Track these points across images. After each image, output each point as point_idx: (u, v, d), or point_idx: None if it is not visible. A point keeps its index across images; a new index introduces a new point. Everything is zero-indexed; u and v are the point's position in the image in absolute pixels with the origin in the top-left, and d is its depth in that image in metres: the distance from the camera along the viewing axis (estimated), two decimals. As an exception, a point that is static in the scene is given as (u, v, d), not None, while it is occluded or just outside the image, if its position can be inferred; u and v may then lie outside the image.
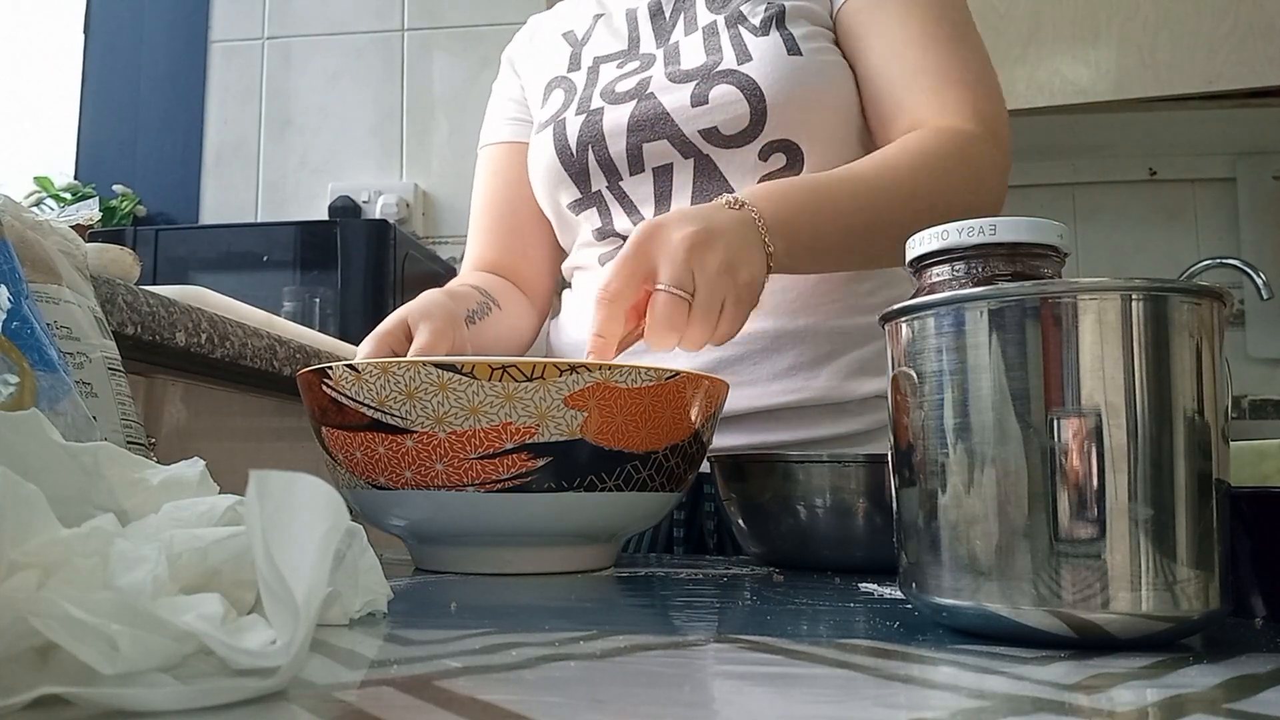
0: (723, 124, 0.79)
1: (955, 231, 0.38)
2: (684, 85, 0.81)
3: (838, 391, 0.80)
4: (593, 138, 0.83)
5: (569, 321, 0.92)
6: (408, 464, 0.52)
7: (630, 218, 0.84)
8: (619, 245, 0.83)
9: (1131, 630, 0.32)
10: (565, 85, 0.90)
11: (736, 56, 0.80)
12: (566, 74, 0.91)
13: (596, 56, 0.90)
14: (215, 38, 2.62)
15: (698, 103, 0.79)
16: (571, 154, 0.84)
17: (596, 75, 0.88)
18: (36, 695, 0.22)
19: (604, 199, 0.85)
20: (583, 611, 0.41)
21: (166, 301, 0.96)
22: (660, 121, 0.80)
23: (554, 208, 0.89)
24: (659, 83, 0.82)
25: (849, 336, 0.81)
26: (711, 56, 0.81)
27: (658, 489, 0.56)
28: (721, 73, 0.79)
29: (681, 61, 0.83)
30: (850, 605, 0.43)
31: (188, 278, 2.04)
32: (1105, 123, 2.23)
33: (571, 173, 0.85)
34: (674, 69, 0.83)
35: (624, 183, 0.83)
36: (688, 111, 0.80)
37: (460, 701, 0.24)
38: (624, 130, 0.82)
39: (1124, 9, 2.07)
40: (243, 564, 0.30)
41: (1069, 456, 0.32)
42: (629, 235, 0.78)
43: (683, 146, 0.80)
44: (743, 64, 0.79)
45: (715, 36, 0.82)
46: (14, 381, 0.42)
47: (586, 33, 0.93)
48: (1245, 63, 2.01)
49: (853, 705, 0.25)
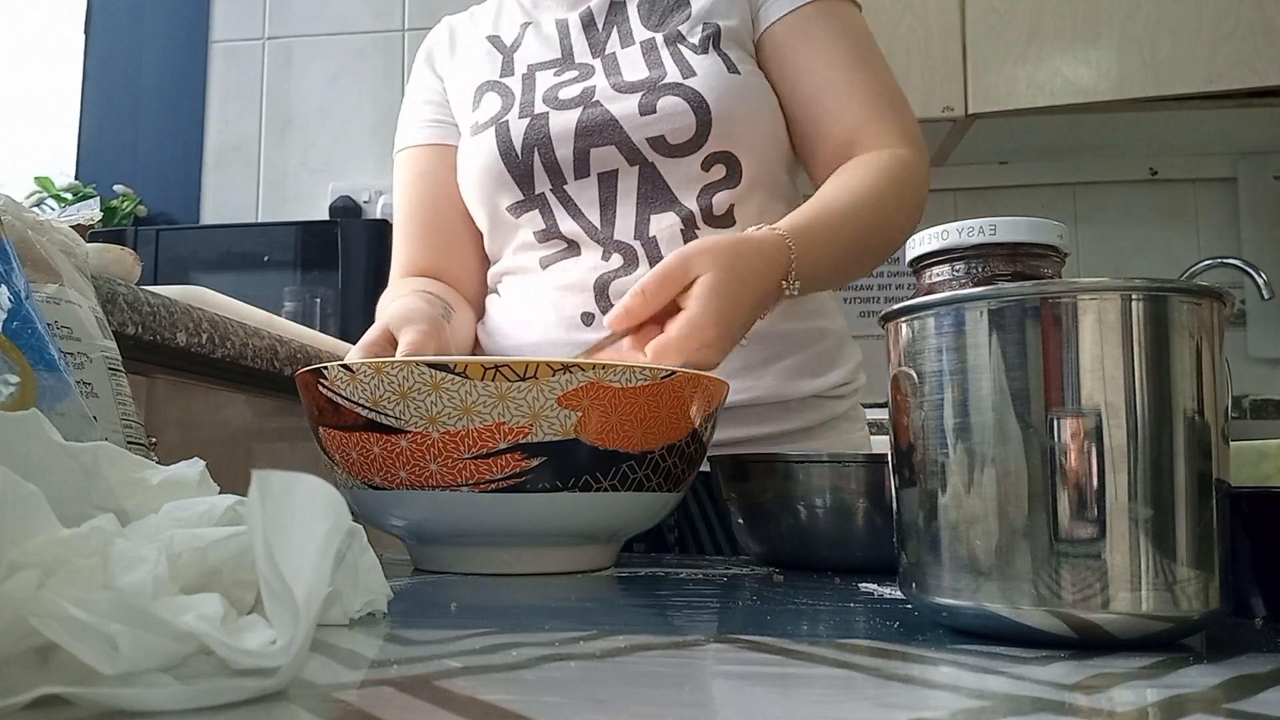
0: (670, 133, 0.83)
1: (955, 231, 0.38)
2: (630, 95, 0.84)
3: (783, 390, 0.86)
4: (539, 140, 0.85)
5: (504, 326, 0.90)
6: (402, 464, 0.52)
7: (575, 220, 0.85)
8: (564, 248, 0.85)
9: (1131, 630, 0.32)
10: (500, 90, 0.90)
11: (680, 71, 0.84)
12: (499, 79, 0.91)
13: (530, 64, 0.91)
14: (216, 38, 2.62)
15: (646, 112, 0.83)
16: (516, 156, 0.85)
17: (533, 81, 0.89)
18: (36, 695, 0.22)
19: (547, 201, 0.86)
20: (583, 611, 0.41)
21: (167, 301, 0.96)
22: (608, 128, 0.83)
23: (490, 210, 0.89)
24: (604, 92, 0.85)
25: (790, 340, 0.87)
26: (654, 71, 0.85)
27: (655, 489, 0.56)
28: (668, 85, 0.83)
29: (624, 73, 0.86)
30: (850, 605, 0.43)
31: (188, 278, 2.04)
32: (1105, 123, 2.23)
33: (515, 174, 0.86)
34: (617, 80, 0.86)
35: (569, 186, 0.85)
36: (636, 119, 0.83)
37: (460, 701, 0.24)
38: (571, 135, 0.84)
39: (1124, 9, 2.07)
40: (243, 564, 0.30)
41: (1069, 456, 0.32)
42: (576, 239, 0.84)
43: (629, 153, 0.83)
44: (687, 78, 0.83)
45: (655, 52, 0.86)
46: (14, 381, 0.42)
47: (516, 40, 0.94)
48: (1245, 63, 2.01)
49: (853, 705, 0.25)
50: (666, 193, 0.84)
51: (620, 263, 0.83)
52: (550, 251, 0.86)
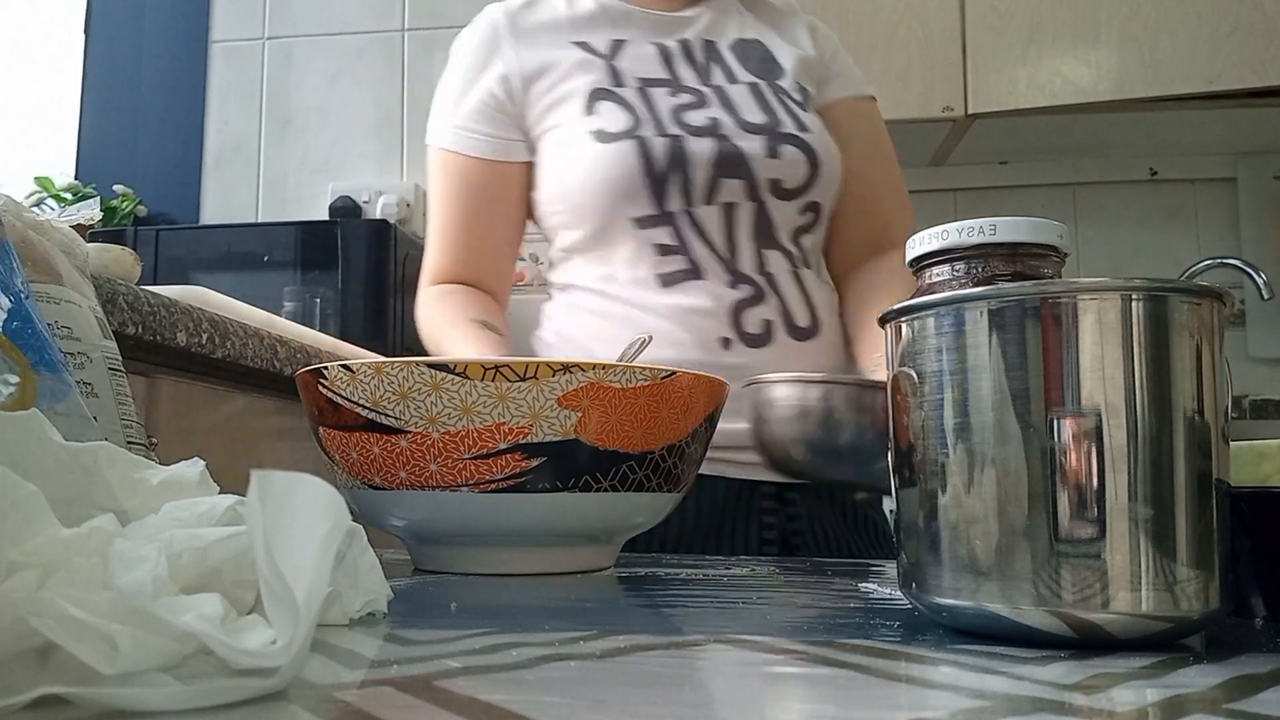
0: (787, 178, 0.92)
1: (955, 231, 0.38)
2: (755, 136, 0.92)
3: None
4: (680, 162, 0.89)
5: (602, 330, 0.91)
6: (402, 464, 0.52)
7: (702, 243, 0.91)
8: (688, 268, 0.90)
9: (1131, 630, 0.32)
10: (618, 100, 0.92)
11: (795, 124, 0.94)
12: (613, 89, 0.93)
13: (640, 78, 0.94)
14: (215, 38, 2.62)
15: (770, 155, 0.91)
16: (655, 172, 0.89)
17: (649, 97, 0.93)
18: (36, 695, 0.22)
19: (676, 220, 0.90)
20: (583, 611, 0.41)
21: (167, 301, 0.96)
22: (740, 164, 0.90)
23: (608, 217, 0.91)
24: (731, 128, 0.92)
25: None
26: (769, 116, 0.94)
27: (655, 489, 0.56)
28: (786, 135, 0.93)
29: (741, 112, 0.93)
30: (850, 605, 0.43)
31: (188, 278, 2.04)
32: (1105, 123, 2.23)
33: (652, 189, 0.89)
34: (738, 118, 0.93)
35: (695, 210, 0.90)
36: (762, 160, 0.91)
37: (460, 701, 0.24)
38: (709, 163, 0.90)
39: (1124, 9, 2.07)
40: (243, 564, 0.30)
41: (1069, 456, 0.32)
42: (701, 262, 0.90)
43: (750, 190, 0.91)
44: (802, 133, 0.93)
45: (764, 98, 0.95)
46: (14, 381, 0.42)
47: (611, 51, 0.96)
48: (1245, 63, 2.00)
49: (853, 705, 0.25)
50: (772, 231, 0.92)
51: (750, 293, 0.90)
52: (672, 270, 0.90)
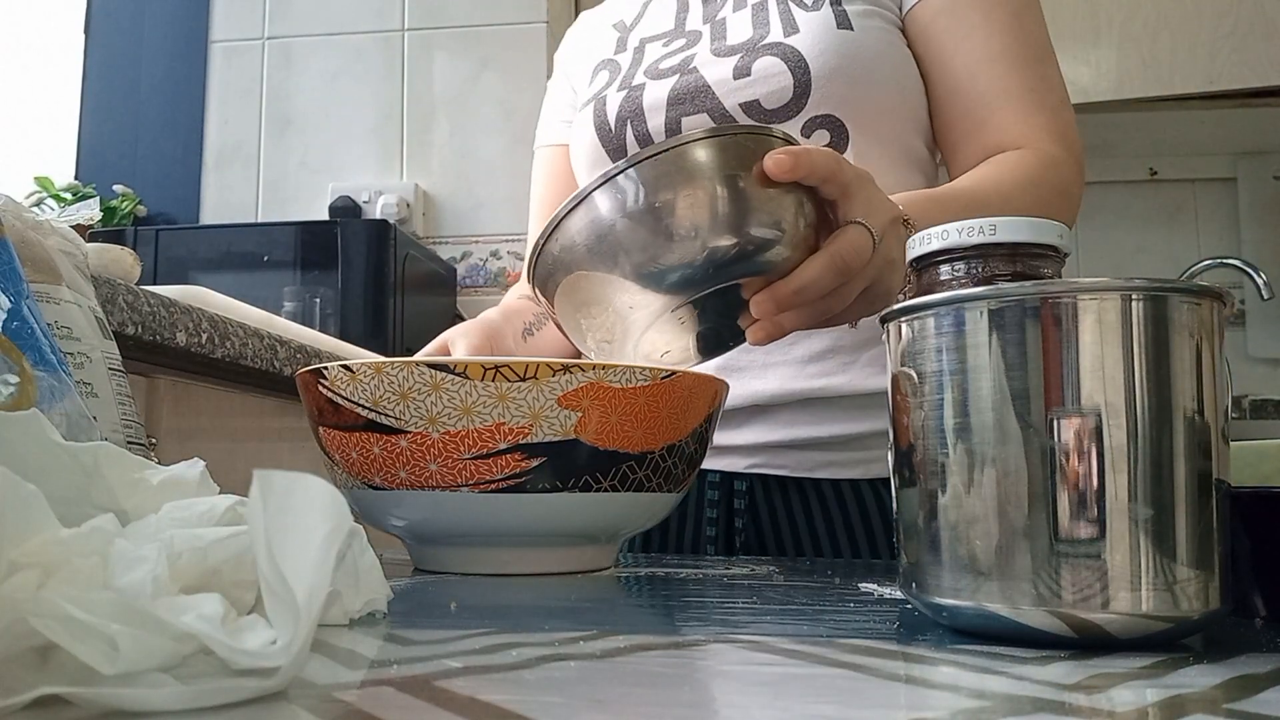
0: (764, 97, 0.76)
1: (955, 231, 0.38)
2: (728, 59, 0.79)
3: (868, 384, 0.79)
4: (632, 113, 0.81)
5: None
6: (402, 464, 0.52)
7: None
8: None
9: (1131, 630, 0.32)
10: (610, 66, 0.89)
11: (783, 29, 0.78)
12: (613, 56, 0.90)
13: (643, 37, 0.89)
14: (215, 38, 2.62)
15: (740, 75, 0.77)
16: (610, 130, 0.83)
17: (642, 54, 0.87)
18: (36, 695, 0.22)
19: None
20: (583, 611, 0.41)
21: (167, 301, 0.96)
22: (700, 94, 0.78)
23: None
24: (702, 57, 0.81)
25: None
26: (758, 30, 0.79)
27: (655, 489, 0.56)
28: (767, 45, 0.77)
29: (728, 37, 0.81)
30: (850, 605, 0.43)
31: (188, 278, 2.04)
32: (1105, 123, 2.23)
33: (609, 149, 0.83)
34: (719, 44, 0.81)
35: None
36: (729, 84, 0.77)
37: (460, 701, 0.24)
38: (663, 104, 0.80)
39: (1124, 9, 2.07)
40: (243, 564, 0.30)
41: (1069, 456, 0.32)
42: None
43: (722, 120, 0.77)
44: (789, 36, 0.77)
45: (764, 11, 0.81)
46: (14, 381, 0.42)
47: (636, 17, 0.93)
48: (1245, 63, 2.01)
49: (853, 705, 0.25)
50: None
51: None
52: None
